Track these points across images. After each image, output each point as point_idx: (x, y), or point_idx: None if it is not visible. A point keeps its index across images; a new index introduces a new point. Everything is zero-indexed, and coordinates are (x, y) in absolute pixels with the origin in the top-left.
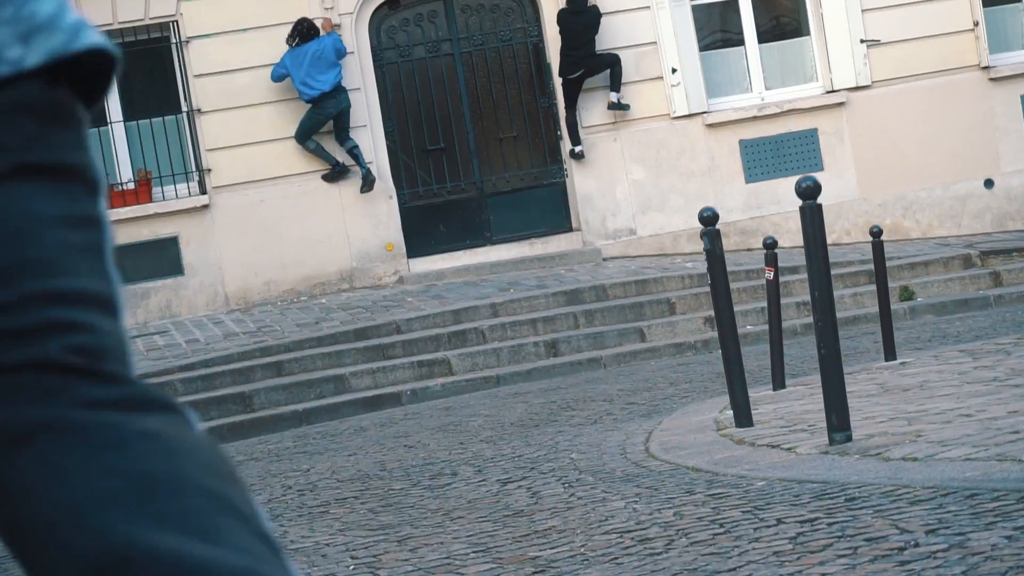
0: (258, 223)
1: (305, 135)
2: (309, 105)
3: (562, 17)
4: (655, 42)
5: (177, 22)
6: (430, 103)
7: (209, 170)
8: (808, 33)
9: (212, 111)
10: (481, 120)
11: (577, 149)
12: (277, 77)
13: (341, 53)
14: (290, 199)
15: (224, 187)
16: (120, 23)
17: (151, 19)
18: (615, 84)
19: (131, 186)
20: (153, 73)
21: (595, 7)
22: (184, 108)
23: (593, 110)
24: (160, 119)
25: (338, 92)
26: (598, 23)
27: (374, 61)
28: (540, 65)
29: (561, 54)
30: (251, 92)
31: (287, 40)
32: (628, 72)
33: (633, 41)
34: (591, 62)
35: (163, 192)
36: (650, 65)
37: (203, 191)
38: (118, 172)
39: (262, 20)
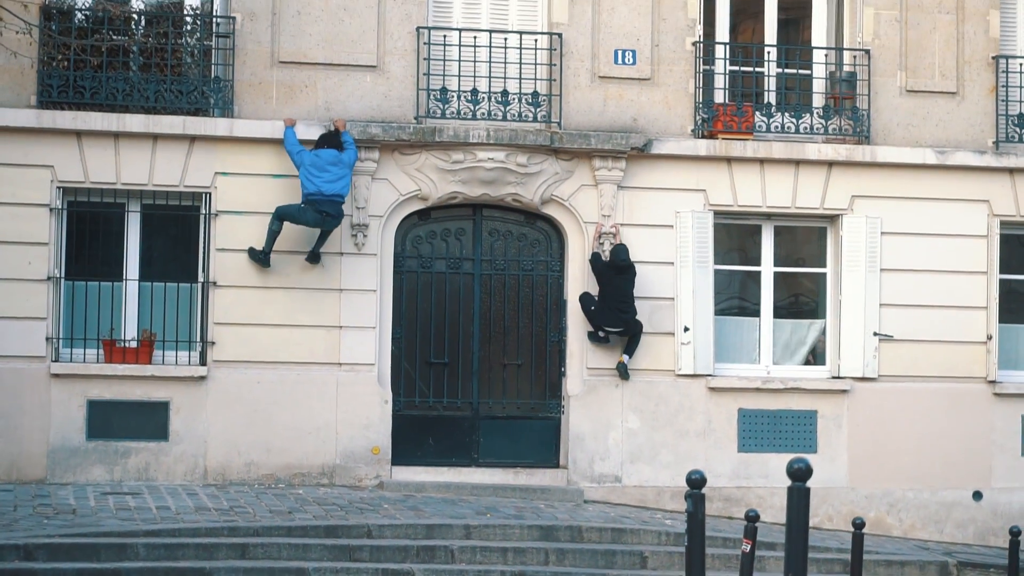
0: (251, 403)
1: (282, 216)
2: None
3: (606, 270)
4: (673, 298)
5: (210, 194)
6: (442, 317)
7: (213, 343)
8: (823, 316)
9: (227, 286)
10: (489, 343)
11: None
12: (290, 149)
13: (348, 154)
14: (287, 385)
15: (224, 362)
16: (155, 185)
17: (185, 187)
18: (631, 349)
19: (134, 344)
20: (177, 238)
21: (633, 265)
22: (200, 278)
23: (600, 353)
24: (175, 284)
25: (328, 207)
26: (634, 281)
27: (395, 266)
28: (557, 300)
29: (604, 306)
30: (268, 275)
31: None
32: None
33: (651, 294)
34: (633, 326)
35: (163, 356)
36: (663, 320)
37: (203, 362)
38: (124, 329)
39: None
